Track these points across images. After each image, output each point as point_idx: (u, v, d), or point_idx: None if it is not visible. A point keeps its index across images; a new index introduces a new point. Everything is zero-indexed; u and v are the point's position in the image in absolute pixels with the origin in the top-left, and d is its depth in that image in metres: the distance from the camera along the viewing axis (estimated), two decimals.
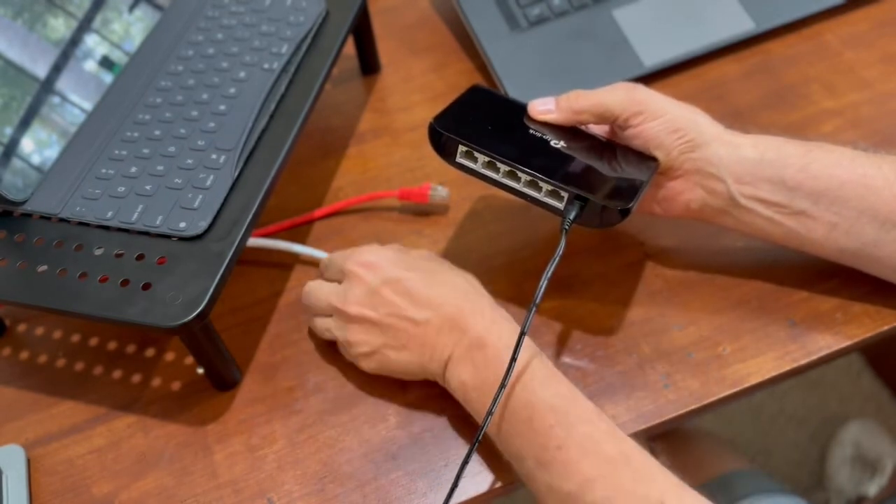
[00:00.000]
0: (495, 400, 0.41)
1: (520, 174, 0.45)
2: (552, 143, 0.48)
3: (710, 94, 0.64)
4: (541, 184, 0.45)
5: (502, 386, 0.41)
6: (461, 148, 0.47)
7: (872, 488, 1.15)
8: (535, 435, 0.41)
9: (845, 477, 1.18)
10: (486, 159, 0.46)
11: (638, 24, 0.66)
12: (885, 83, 0.63)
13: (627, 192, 0.45)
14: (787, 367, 0.49)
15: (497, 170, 0.46)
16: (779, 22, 0.67)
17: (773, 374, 0.49)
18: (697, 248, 0.55)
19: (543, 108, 0.50)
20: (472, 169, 0.47)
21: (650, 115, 0.48)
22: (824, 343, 0.50)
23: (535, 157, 0.46)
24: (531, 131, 0.49)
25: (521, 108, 0.51)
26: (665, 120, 0.48)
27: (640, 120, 0.48)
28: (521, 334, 0.41)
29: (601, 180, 0.46)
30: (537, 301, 0.42)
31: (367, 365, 0.49)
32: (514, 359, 0.41)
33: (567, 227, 0.44)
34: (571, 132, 0.51)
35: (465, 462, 0.42)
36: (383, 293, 0.47)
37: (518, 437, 0.42)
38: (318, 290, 0.50)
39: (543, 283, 0.42)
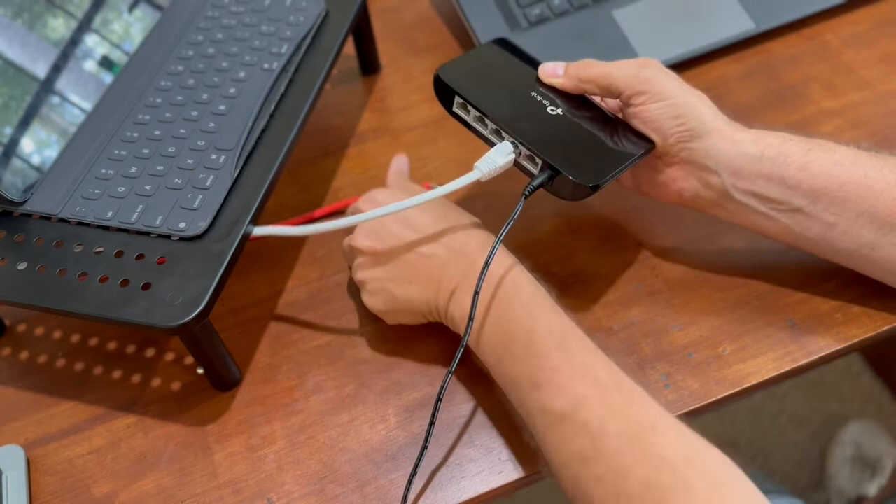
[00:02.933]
0: (473, 306, 0.43)
1: (503, 133, 0.46)
2: (549, 108, 0.48)
3: (710, 94, 0.63)
4: (520, 146, 0.46)
5: (476, 293, 0.43)
6: (457, 99, 0.49)
7: (872, 488, 1.15)
8: (532, 358, 0.42)
9: (845, 477, 1.18)
10: (477, 114, 0.48)
11: (638, 24, 0.66)
12: (885, 83, 0.63)
13: (602, 169, 0.45)
14: (787, 368, 0.49)
15: (485, 125, 0.48)
16: (779, 22, 0.67)
17: (773, 374, 0.49)
18: (697, 249, 0.55)
19: (552, 72, 0.51)
20: (465, 120, 0.49)
21: (653, 97, 0.47)
22: (824, 343, 0.50)
23: (523, 121, 0.47)
24: (533, 94, 0.49)
25: (534, 67, 0.52)
26: (667, 104, 0.47)
27: (642, 100, 0.47)
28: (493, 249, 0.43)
29: (580, 154, 0.46)
30: (489, 262, 0.43)
31: (373, 303, 0.49)
32: (486, 264, 0.43)
33: (527, 192, 0.45)
34: (578, 100, 0.50)
35: (450, 372, 0.43)
36: (390, 226, 0.48)
37: (516, 363, 0.43)
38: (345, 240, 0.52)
39: (497, 244, 0.43)
